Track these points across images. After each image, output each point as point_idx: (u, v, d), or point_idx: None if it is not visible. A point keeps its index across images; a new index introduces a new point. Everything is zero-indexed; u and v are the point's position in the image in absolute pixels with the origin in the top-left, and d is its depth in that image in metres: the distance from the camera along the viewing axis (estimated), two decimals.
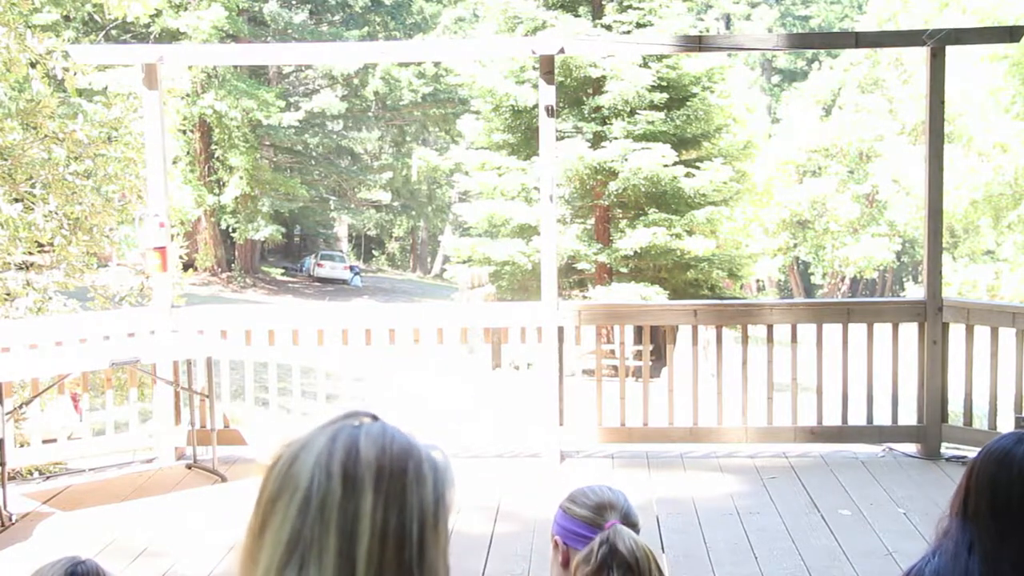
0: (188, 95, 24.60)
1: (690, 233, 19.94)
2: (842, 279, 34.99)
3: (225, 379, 6.19)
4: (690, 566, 4.28)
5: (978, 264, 24.33)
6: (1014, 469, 1.83)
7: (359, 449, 0.99)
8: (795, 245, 34.58)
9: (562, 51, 5.84)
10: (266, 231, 31.41)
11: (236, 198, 30.37)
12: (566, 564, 2.04)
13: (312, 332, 6.08)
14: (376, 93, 34.08)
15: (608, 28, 20.03)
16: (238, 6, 28.41)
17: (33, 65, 7.64)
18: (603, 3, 20.88)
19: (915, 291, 32.42)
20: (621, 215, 20.99)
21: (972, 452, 2.08)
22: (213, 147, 30.55)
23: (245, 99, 28.22)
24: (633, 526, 2.05)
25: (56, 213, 7.70)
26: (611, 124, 19.80)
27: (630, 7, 20.32)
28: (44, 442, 5.48)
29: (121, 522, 4.90)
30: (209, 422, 5.88)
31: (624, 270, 20.23)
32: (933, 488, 5.23)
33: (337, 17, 35.37)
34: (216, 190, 30.56)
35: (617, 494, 2.12)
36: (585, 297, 20.04)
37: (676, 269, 20.42)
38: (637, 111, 19.59)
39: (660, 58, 19.64)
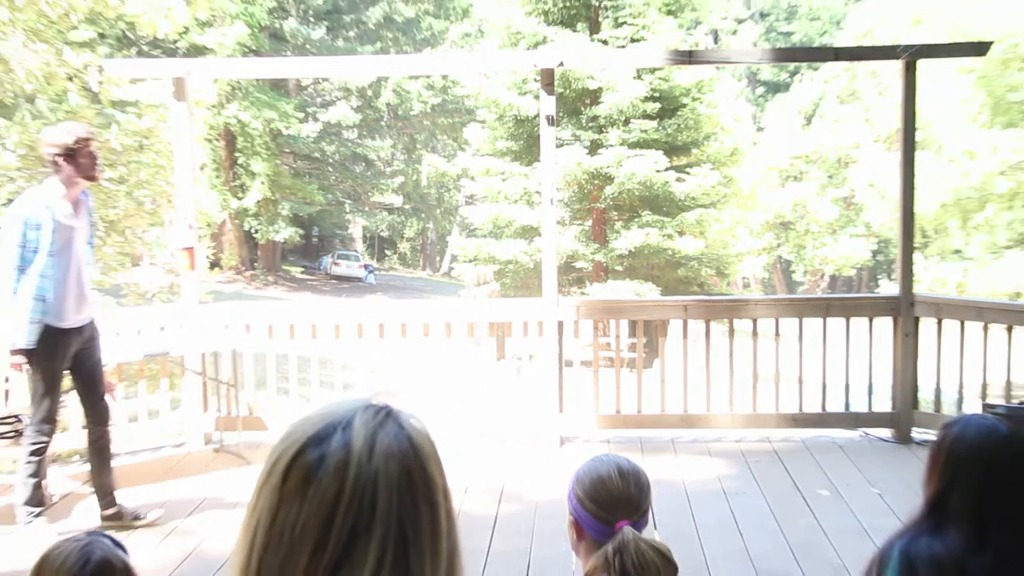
0: (214, 106, 24.58)
1: (681, 234, 19.94)
2: (822, 276, 34.92)
3: (249, 370, 6.21)
4: (681, 543, 4.29)
5: (947, 262, 24.26)
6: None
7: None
8: (778, 245, 34.50)
9: (562, 64, 5.84)
10: (286, 232, 31.40)
11: (258, 202, 30.36)
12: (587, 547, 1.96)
13: (329, 326, 6.09)
14: (388, 104, 34.07)
15: (604, 43, 20.02)
16: (260, 23, 28.40)
17: (71, 79, 7.65)
18: (600, 19, 20.87)
19: (889, 287, 32.33)
20: (616, 217, 20.99)
21: None
22: (237, 154, 30.54)
23: (267, 110, 28.24)
24: (643, 514, 1.93)
25: None
26: (607, 132, 19.79)
27: (625, 23, 20.30)
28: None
29: (153, 502, 4.92)
30: (234, 410, 5.91)
31: (619, 268, 20.25)
32: (905, 470, 5.24)
33: (352, 33, 35.31)
34: (240, 194, 30.55)
35: (628, 480, 1.93)
36: (583, 293, 20.05)
37: (668, 267, 20.42)
38: (631, 120, 19.58)
39: (653, 71, 19.62)
